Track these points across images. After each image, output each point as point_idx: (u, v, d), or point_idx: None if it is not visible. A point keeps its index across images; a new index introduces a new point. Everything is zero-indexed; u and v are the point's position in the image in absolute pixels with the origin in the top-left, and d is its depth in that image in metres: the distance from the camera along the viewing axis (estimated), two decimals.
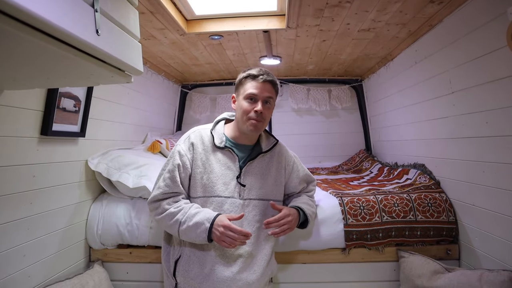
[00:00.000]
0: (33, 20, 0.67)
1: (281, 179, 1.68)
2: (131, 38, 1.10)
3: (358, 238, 2.01)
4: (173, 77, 3.59)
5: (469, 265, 1.93)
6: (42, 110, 1.69)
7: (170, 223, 1.47)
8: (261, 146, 1.65)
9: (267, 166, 1.63)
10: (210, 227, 1.40)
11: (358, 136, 4.01)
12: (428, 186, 2.24)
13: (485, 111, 1.70)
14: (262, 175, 1.60)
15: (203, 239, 1.42)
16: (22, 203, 1.61)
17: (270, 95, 1.55)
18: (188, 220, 1.44)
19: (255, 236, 1.56)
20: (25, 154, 1.62)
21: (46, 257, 1.77)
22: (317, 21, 2.08)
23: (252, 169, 1.59)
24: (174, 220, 1.46)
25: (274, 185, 1.64)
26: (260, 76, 1.52)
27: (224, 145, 1.56)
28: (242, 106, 1.54)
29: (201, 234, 1.42)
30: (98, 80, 1.20)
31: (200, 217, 1.43)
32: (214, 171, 1.53)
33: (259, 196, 1.58)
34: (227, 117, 1.71)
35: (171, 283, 1.58)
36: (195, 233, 1.43)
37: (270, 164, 1.64)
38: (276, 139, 1.70)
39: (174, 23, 2.05)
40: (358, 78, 3.86)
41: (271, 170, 1.64)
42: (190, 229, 1.43)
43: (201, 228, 1.41)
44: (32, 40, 0.71)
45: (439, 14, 1.90)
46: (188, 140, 1.59)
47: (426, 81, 2.32)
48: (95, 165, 2.10)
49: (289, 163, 1.73)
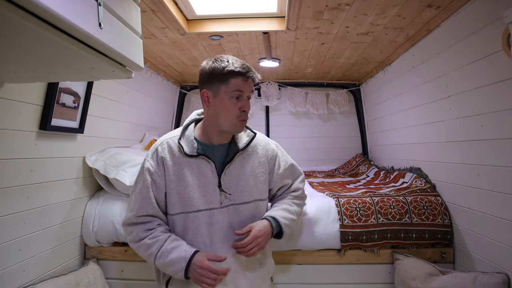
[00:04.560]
0: (37, 9, 0.68)
1: (264, 176, 1.54)
2: (132, 34, 1.11)
3: (353, 239, 2.01)
4: (172, 77, 3.61)
5: (464, 268, 1.94)
6: (41, 104, 1.70)
7: (145, 255, 1.40)
8: (237, 143, 1.50)
9: (247, 164, 1.49)
10: (187, 267, 1.32)
11: (355, 140, 4.03)
12: (424, 189, 2.26)
13: (480, 115, 1.72)
14: (242, 176, 1.47)
15: (180, 277, 1.34)
16: (19, 197, 1.61)
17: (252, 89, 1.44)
18: (163, 256, 1.35)
19: None
20: (23, 148, 1.63)
21: (41, 253, 1.77)
22: (317, 24, 2.10)
23: (231, 172, 1.45)
24: (149, 253, 1.37)
25: (255, 183, 1.50)
26: (248, 73, 1.39)
27: (196, 152, 1.41)
28: (227, 105, 1.38)
29: (178, 273, 1.33)
30: (99, 74, 1.21)
31: (175, 254, 1.34)
32: (190, 184, 1.40)
33: (243, 200, 1.46)
34: (197, 117, 1.55)
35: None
36: (172, 270, 1.35)
37: (250, 161, 1.50)
38: (254, 132, 1.55)
39: (175, 22, 2.07)
40: (356, 83, 3.89)
41: (252, 167, 1.50)
42: (166, 266, 1.36)
43: (177, 266, 1.32)
44: (35, 29, 0.73)
45: (437, 18, 1.93)
46: (156, 155, 1.44)
47: (423, 85, 2.34)
48: (92, 162, 2.10)
49: (272, 156, 1.58)
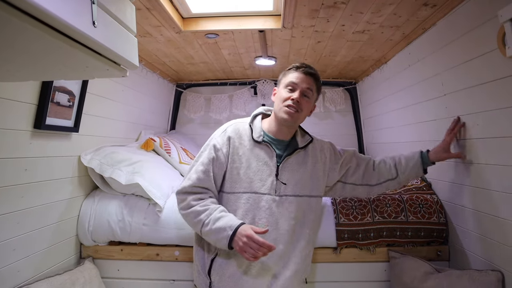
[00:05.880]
0: (29, 7, 0.67)
1: (318, 174, 1.65)
2: (127, 32, 1.10)
3: (349, 238, 2.02)
4: (168, 76, 3.59)
5: (459, 265, 1.95)
6: (35, 103, 1.68)
7: (194, 221, 1.47)
8: (297, 141, 1.64)
9: (303, 162, 1.62)
10: (232, 235, 1.37)
11: (351, 138, 4.03)
12: (419, 187, 2.27)
13: (476, 113, 1.73)
14: (298, 171, 1.59)
15: (224, 245, 1.40)
16: (13, 196, 1.60)
17: (310, 86, 1.56)
18: (211, 223, 1.42)
19: (289, 234, 1.54)
20: (17, 147, 1.61)
21: (36, 252, 1.76)
22: (312, 22, 2.10)
23: (289, 165, 1.58)
24: (198, 220, 1.45)
25: (309, 180, 1.62)
26: (303, 68, 1.56)
27: (262, 140, 1.55)
28: (281, 94, 1.56)
29: (222, 240, 1.40)
30: (93, 73, 1.20)
31: (223, 222, 1.41)
32: (251, 167, 1.52)
33: (295, 193, 1.57)
34: (264, 112, 1.70)
35: (204, 282, 1.55)
36: (216, 238, 1.41)
37: (306, 159, 1.63)
38: (311, 137, 1.70)
39: (170, 21, 2.06)
40: (352, 81, 3.89)
41: (307, 165, 1.62)
42: (212, 233, 1.42)
43: (223, 234, 1.39)
44: (28, 27, 0.72)
45: (433, 17, 1.93)
46: (224, 134, 1.57)
47: (418, 84, 2.35)
48: (88, 161, 2.09)
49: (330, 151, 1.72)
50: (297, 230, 1.58)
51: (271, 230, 1.47)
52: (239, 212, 1.50)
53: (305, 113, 1.60)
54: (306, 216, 1.60)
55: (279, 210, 1.52)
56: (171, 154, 2.79)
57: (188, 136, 3.81)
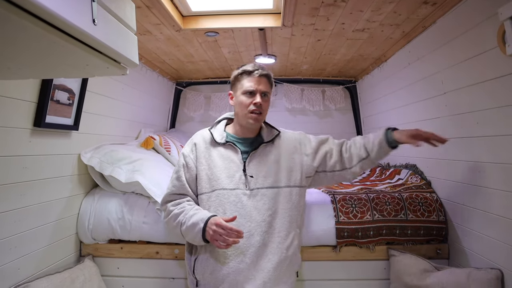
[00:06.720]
0: (29, 5, 0.67)
1: (292, 164, 1.67)
2: (127, 30, 1.10)
3: (349, 236, 2.02)
4: (167, 74, 3.59)
5: (458, 264, 1.95)
6: (35, 101, 1.68)
7: (174, 224, 1.56)
8: (263, 137, 1.70)
9: (270, 155, 1.66)
10: (204, 226, 1.44)
11: (351, 136, 3.94)
12: (419, 186, 2.27)
13: (476, 112, 1.73)
14: (265, 164, 1.63)
15: (199, 239, 1.47)
16: (13, 194, 1.60)
17: (266, 89, 1.63)
18: (187, 221, 1.50)
19: (265, 225, 1.56)
20: (17, 145, 1.61)
21: (36, 250, 1.76)
22: (312, 20, 2.10)
23: (255, 159, 1.63)
24: (177, 222, 1.54)
25: (282, 172, 1.64)
26: (256, 71, 1.61)
27: (225, 141, 1.64)
28: (241, 101, 1.62)
29: (197, 235, 1.46)
30: (94, 71, 1.20)
31: (196, 217, 1.48)
32: (217, 166, 1.60)
33: (267, 185, 1.60)
34: (229, 117, 1.78)
35: (192, 281, 1.64)
36: (192, 233, 1.48)
37: (274, 152, 1.67)
38: (278, 130, 1.74)
39: (170, 19, 2.05)
40: (352, 79, 3.89)
41: (276, 158, 1.66)
42: (188, 230, 1.49)
43: (196, 228, 1.46)
44: (28, 25, 0.72)
45: (433, 15, 1.93)
46: (191, 142, 1.69)
47: (418, 82, 2.35)
48: (88, 159, 2.09)
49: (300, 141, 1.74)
50: (273, 221, 1.59)
51: (244, 223, 1.53)
52: (211, 209, 1.57)
53: (266, 111, 1.67)
54: (283, 207, 1.61)
55: (252, 203, 1.57)
56: (171, 152, 2.79)
57: (187, 134, 3.79)
